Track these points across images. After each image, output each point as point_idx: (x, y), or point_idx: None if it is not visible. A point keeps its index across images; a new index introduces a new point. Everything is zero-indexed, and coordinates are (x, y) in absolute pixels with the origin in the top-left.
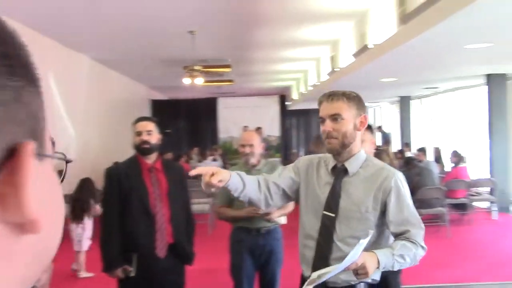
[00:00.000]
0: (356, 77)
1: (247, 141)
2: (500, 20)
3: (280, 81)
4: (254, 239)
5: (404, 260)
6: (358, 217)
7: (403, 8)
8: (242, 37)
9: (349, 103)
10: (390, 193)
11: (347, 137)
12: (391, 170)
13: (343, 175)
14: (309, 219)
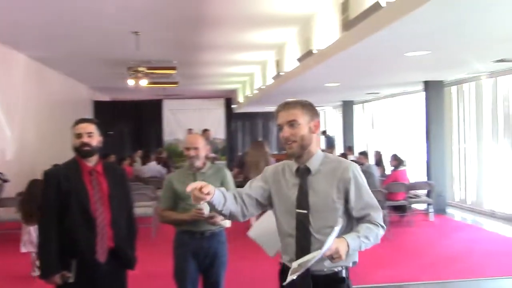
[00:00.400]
0: (300, 82)
1: (192, 144)
2: (437, 30)
3: (226, 84)
4: (198, 242)
5: (369, 240)
6: (327, 209)
7: (346, 15)
8: (188, 39)
9: (303, 109)
10: (349, 182)
11: (304, 140)
12: (347, 162)
13: (307, 174)
14: (285, 218)
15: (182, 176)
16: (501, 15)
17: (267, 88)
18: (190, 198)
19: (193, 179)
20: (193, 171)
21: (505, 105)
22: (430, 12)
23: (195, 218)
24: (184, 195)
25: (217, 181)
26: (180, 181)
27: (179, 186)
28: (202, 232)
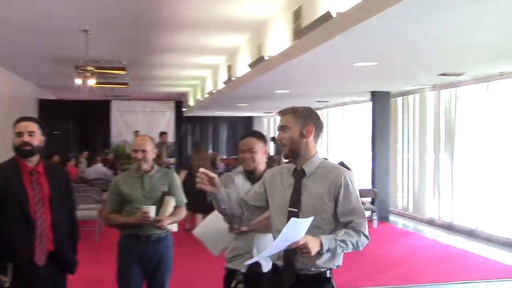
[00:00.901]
0: (251, 87)
1: (140, 146)
2: (384, 42)
3: (177, 87)
4: (143, 246)
5: (346, 245)
6: (317, 209)
7: (298, 23)
8: (139, 40)
9: (295, 115)
10: (340, 187)
11: (293, 143)
12: (342, 169)
13: (302, 175)
14: (278, 216)
15: (129, 179)
16: (443, 31)
17: (218, 92)
18: (137, 201)
19: (140, 182)
20: (140, 174)
21: (447, 117)
22: (378, 24)
23: (141, 222)
24: (131, 198)
25: (165, 185)
26: (127, 184)
27: (125, 189)
28: (148, 236)
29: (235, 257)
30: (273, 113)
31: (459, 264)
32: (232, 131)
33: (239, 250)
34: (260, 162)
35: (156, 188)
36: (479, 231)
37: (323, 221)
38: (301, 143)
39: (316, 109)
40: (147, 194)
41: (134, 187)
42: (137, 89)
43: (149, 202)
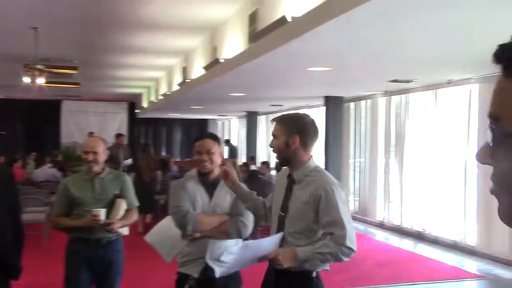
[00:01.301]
0: (206, 90)
1: (92, 148)
2: (338, 48)
3: (130, 88)
4: (93, 250)
5: (323, 256)
6: (301, 216)
7: (253, 27)
8: (92, 39)
9: (281, 124)
10: (321, 198)
11: (280, 151)
12: (326, 180)
13: (293, 182)
14: (273, 218)
15: (79, 181)
16: (393, 39)
17: (172, 94)
18: (87, 204)
19: (91, 184)
20: (91, 176)
21: (397, 123)
22: (331, 30)
23: (91, 225)
24: (80, 200)
25: (117, 187)
26: (77, 186)
27: (75, 191)
28: (97, 239)
29: (187, 262)
30: (228, 115)
31: (407, 266)
32: (186, 134)
33: (192, 255)
34: (216, 165)
35: (107, 190)
36: (427, 233)
37: (306, 228)
38: (288, 152)
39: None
40: (98, 196)
41: (84, 189)
42: (89, 89)
43: (99, 205)
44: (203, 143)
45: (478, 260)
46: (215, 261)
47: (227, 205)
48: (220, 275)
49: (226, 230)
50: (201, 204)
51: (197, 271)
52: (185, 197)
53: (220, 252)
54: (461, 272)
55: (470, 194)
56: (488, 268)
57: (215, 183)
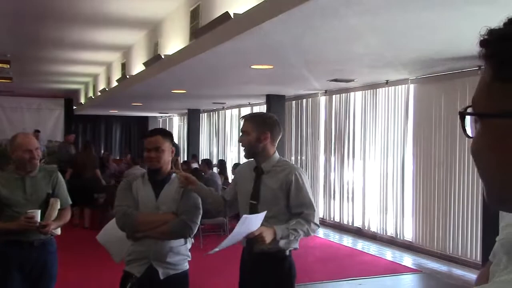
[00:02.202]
0: (147, 86)
1: (33, 145)
2: (279, 46)
3: (67, 84)
4: (25, 253)
5: (297, 232)
6: (273, 202)
7: (195, 23)
8: (26, 32)
9: (252, 122)
10: (291, 183)
11: (252, 146)
12: (294, 167)
13: (261, 172)
14: (242, 208)
15: (7, 180)
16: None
17: (111, 90)
18: (17, 205)
19: (21, 183)
20: (21, 175)
21: (337, 121)
22: (272, 28)
23: (25, 227)
24: (11, 201)
25: (49, 185)
26: (5, 186)
27: (3, 191)
28: (30, 242)
29: (132, 261)
30: (169, 113)
31: (347, 262)
32: (125, 131)
33: (136, 254)
34: (166, 162)
35: (39, 189)
36: (366, 229)
37: (278, 212)
38: (258, 146)
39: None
40: (29, 197)
41: (14, 189)
42: (23, 85)
43: (32, 206)
44: (152, 139)
45: (415, 254)
46: (159, 263)
47: (173, 204)
48: (164, 277)
49: (168, 230)
50: (146, 202)
51: (139, 271)
52: (128, 195)
53: (165, 252)
54: (399, 266)
55: (407, 191)
56: (424, 262)
57: (164, 180)
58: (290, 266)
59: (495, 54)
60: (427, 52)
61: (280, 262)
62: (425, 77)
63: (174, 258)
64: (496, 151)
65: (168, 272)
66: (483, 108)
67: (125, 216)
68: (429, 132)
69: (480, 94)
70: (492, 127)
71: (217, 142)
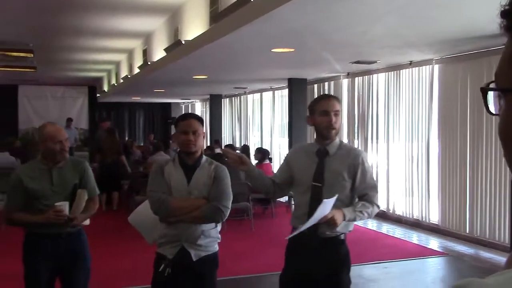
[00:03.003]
0: (168, 72)
1: (62, 136)
2: (300, 28)
3: (90, 72)
4: (54, 245)
5: (363, 214)
6: (338, 184)
7: (215, 7)
8: (47, 21)
9: (340, 103)
10: (358, 166)
11: (338, 128)
12: (358, 150)
13: (325, 155)
14: (301, 190)
15: (34, 172)
16: (354, 20)
17: (133, 77)
18: (46, 197)
19: (48, 176)
20: (48, 166)
21: (359, 104)
22: (292, 10)
23: (54, 221)
24: (38, 193)
25: (76, 176)
26: (32, 177)
27: (31, 183)
28: (59, 234)
29: (165, 244)
30: (191, 99)
31: (372, 245)
32: (149, 118)
33: (169, 237)
34: (200, 146)
35: (66, 180)
36: (390, 213)
37: (343, 194)
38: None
39: (235, 95)
40: (56, 188)
41: (42, 181)
42: (47, 73)
43: (58, 197)
44: (190, 122)
45: (441, 237)
46: (191, 245)
47: (204, 188)
48: (196, 258)
49: (201, 215)
50: (178, 187)
51: (172, 252)
52: (161, 180)
53: (197, 235)
54: (425, 249)
55: (432, 173)
56: (451, 245)
57: (195, 165)
58: (347, 249)
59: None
60: (452, 31)
61: (339, 247)
62: (450, 57)
63: (205, 240)
64: None
65: (200, 254)
66: (506, 83)
67: (159, 201)
68: (455, 112)
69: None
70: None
71: (239, 127)
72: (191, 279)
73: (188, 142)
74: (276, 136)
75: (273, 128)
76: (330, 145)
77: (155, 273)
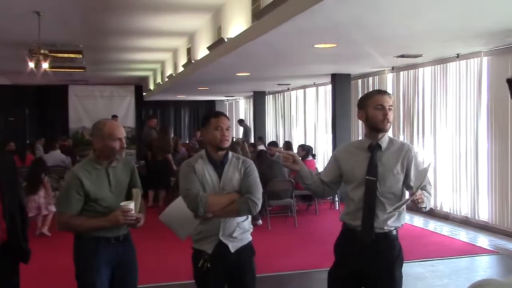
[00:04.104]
0: (212, 70)
1: (123, 134)
2: (342, 23)
3: (136, 71)
4: (113, 249)
5: (429, 202)
6: (392, 178)
7: (257, 4)
8: (95, 22)
9: (391, 99)
10: (411, 161)
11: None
12: (410, 145)
13: (378, 149)
14: (354, 185)
15: (91, 173)
16: (400, 14)
17: (178, 76)
18: (105, 199)
19: (106, 176)
20: (103, 165)
21: (405, 99)
22: (334, 5)
23: (123, 222)
24: (98, 195)
25: (127, 174)
26: (90, 179)
27: (89, 185)
28: (117, 237)
29: (202, 239)
30: (235, 96)
31: (419, 242)
32: (193, 115)
33: (205, 233)
34: (229, 143)
35: (121, 181)
36: (438, 210)
37: (396, 188)
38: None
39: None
40: (114, 189)
41: (100, 182)
42: (95, 73)
43: (116, 199)
44: (223, 119)
45: (491, 235)
46: (228, 238)
47: (235, 183)
48: (234, 250)
49: (236, 209)
50: (211, 184)
51: (211, 247)
52: (195, 178)
53: (232, 229)
54: (474, 247)
55: (481, 169)
56: (501, 243)
57: (223, 161)
58: (400, 246)
59: None
60: (500, 21)
61: (393, 242)
62: (499, 49)
63: (240, 232)
64: None
65: (237, 245)
66: None
67: (197, 199)
68: (505, 106)
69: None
70: None
71: (283, 123)
72: (232, 270)
73: (223, 137)
74: (320, 132)
75: (317, 124)
76: (381, 139)
77: (195, 268)
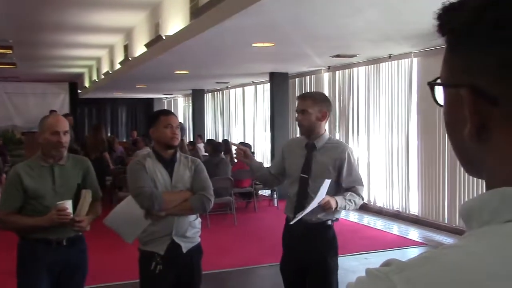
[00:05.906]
0: (149, 68)
1: (64, 128)
2: (280, 23)
3: (71, 68)
4: (54, 253)
5: (351, 203)
6: (323, 176)
7: (195, 2)
8: (27, 17)
9: (313, 101)
10: (344, 161)
11: (311, 124)
12: (345, 145)
13: (313, 149)
14: (291, 181)
15: (34, 169)
16: (334, 14)
17: (114, 73)
18: (46, 197)
19: (50, 174)
20: (49, 163)
21: (341, 97)
22: (272, 5)
23: (57, 222)
24: (38, 193)
25: (79, 174)
26: (31, 176)
27: (30, 182)
28: (60, 240)
29: (152, 240)
30: (173, 94)
31: (353, 237)
32: (131, 114)
33: (157, 233)
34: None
35: (69, 180)
36: (371, 204)
37: (329, 186)
38: (316, 124)
39: (217, 90)
40: (58, 188)
41: (42, 179)
42: (27, 70)
43: (60, 198)
44: (172, 117)
45: (421, 228)
46: (181, 237)
47: (187, 181)
48: (186, 250)
49: (190, 206)
50: (162, 182)
51: (163, 248)
52: (146, 177)
53: (185, 228)
54: (405, 240)
55: (412, 165)
56: (431, 235)
57: (173, 159)
58: (334, 234)
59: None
60: (427, 25)
61: (325, 231)
62: (428, 50)
63: (192, 231)
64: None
65: (189, 246)
66: (443, 79)
67: (153, 197)
68: (433, 106)
69: (442, 66)
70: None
71: (222, 121)
72: (181, 271)
73: (173, 135)
74: (259, 130)
75: (256, 122)
76: (318, 139)
77: (144, 271)
